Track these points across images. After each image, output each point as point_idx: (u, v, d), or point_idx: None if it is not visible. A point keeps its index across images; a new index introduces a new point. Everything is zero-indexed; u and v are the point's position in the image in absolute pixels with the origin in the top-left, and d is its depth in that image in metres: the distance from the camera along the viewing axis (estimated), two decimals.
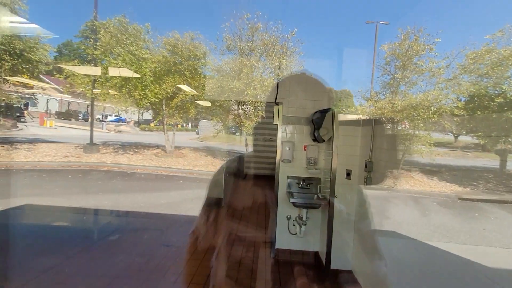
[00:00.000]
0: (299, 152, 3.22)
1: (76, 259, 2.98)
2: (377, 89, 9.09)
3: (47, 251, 3.16)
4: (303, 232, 3.09)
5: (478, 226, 4.30)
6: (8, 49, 8.62)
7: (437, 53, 9.48)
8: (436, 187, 7.93)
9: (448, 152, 13.09)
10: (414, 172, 8.48)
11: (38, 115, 20.77)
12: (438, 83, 8.81)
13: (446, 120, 8.38)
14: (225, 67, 9.21)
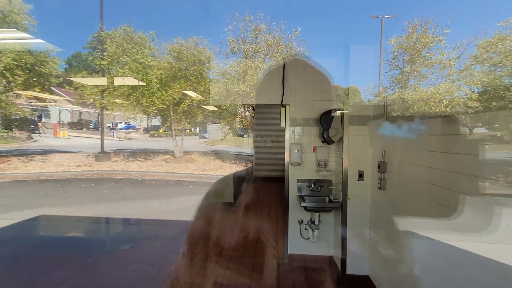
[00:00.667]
0: (309, 154, 3.14)
1: (90, 270, 3.00)
2: (385, 84, 8.91)
3: (62, 262, 3.19)
4: (316, 237, 3.01)
5: (501, 223, 4.10)
6: (20, 64, 8.88)
7: (446, 44, 9.17)
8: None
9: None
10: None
11: (51, 126, 21.40)
12: (449, 75, 8.52)
13: (460, 113, 8.11)
14: (230, 70, 9.22)
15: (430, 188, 1.69)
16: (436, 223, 1.62)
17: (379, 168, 2.39)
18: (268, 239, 3.90)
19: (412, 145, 1.94)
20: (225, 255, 3.41)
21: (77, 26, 24.51)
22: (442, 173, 1.57)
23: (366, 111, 2.71)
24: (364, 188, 2.72)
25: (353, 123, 2.72)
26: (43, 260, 3.27)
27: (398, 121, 2.16)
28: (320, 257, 3.17)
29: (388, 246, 2.32)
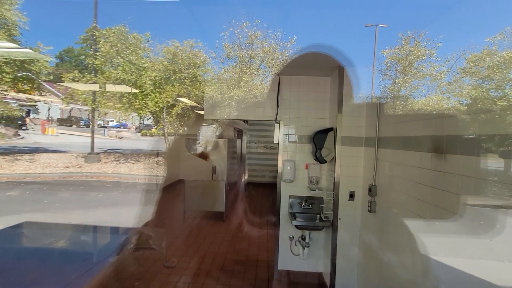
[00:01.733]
0: (301, 171, 3.16)
1: (73, 286, 2.93)
2: (378, 94, 9.06)
3: (46, 277, 3.11)
4: (306, 254, 3.02)
5: (485, 237, 4.21)
6: (8, 61, 8.64)
7: (438, 58, 9.42)
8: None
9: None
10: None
11: (39, 123, 20.84)
12: (440, 87, 8.74)
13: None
14: (225, 75, 9.20)
15: (418, 219, 1.72)
16: (425, 241, 1.65)
17: (370, 191, 2.42)
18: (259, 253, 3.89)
19: (401, 174, 1.98)
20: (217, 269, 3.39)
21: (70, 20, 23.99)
22: (431, 207, 1.60)
23: (359, 132, 2.75)
24: (354, 209, 2.75)
25: (345, 144, 2.75)
26: (26, 273, 3.18)
27: (389, 147, 2.20)
28: (310, 274, 3.18)
29: (376, 267, 2.35)
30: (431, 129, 1.63)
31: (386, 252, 2.17)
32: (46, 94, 14.66)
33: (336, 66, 2.77)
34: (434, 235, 1.56)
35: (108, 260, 3.52)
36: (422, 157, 1.71)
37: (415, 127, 1.82)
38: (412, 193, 1.82)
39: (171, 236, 4.41)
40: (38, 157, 10.47)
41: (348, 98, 2.75)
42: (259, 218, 5.58)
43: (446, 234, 1.46)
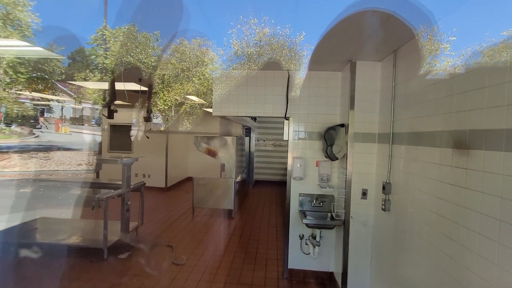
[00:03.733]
0: (311, 168, 3.09)
1: (85, 282, 2.96)
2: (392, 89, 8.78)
3: (58, 272, 3.16)
4: (316, 253, 2.96)
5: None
6: (23, 62, 8.86)
7: (452, 52, 9.10)
8: None
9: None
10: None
11: (53, 122, 21.41)
12: None
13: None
14: (233, 72, 9.16)
15: (438, 219, 1.64)
16: (448, 242, 1.57)
17: (384, 189, 2.33)
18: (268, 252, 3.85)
19: (418, 171, 1.89)
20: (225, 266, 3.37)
21: (81, 22, 24.48)
22: (453, 206, 1.52)
23: (372, 128, 2.66)
24: (367, 207, 2.67)
25: (358, 140, 2.67)
26: (41, 267, 3.24)
27: (404, 143, 2.11)
28: (321, 273, 3.12)
29: (391, 268, 2.27)
30: (452, 123, 1.54)
31: (402, 252, 2.09)
32: (59, 93, 15.02)
33: (348, 60, 2.68)
34: (458, 235, 1.47)
35: (119, 257, 3.55)
36: (442, 153, 1.62)
37: (434, 121, 1.73)
38: (431, 191, 1.73)
39: (180, 233, 4.43)
40: (52, 155, 10.74)
41: (360, 93, 2.66)
42: (268, 216, 5.54)
43: (472, 235, 1.38)
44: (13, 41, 3.89)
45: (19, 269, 3.21)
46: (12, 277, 3.01)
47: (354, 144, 2.67)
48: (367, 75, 2.66)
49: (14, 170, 8.69)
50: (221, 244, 4.10)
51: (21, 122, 14.82)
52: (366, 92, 2.66)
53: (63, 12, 23.75)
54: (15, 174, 8.40)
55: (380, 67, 2.65)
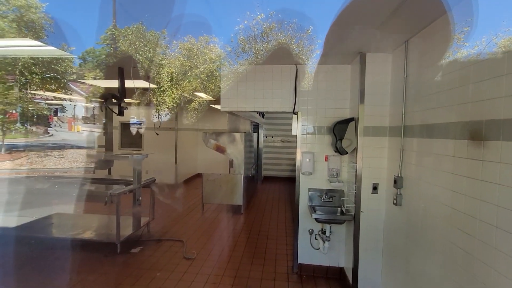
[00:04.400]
0: (320, 163, 3.06)
1: (100, 275, 3.05)
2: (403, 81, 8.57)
3: (74, 265, 3.26)
4: (326, 249, 2.94)
5: None
6: (37, 63, 9.10)
7: (466, 43, 8.79)
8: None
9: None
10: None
11: (66, 121, 21.99)
12: None
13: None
14: (241, 68, 9.14)
15: (453, 213, 1.60)
16: (463, 236, 1.53)
17: (396, 183, 2.29)
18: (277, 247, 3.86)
19: (431, 164, 1.84)
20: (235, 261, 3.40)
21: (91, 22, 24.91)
22: (468, 199, 1.47)
23: (383, 121, 2.60)
24: (378, 202, 2.62)
25: (368, 134, 2.62)
26: (57, 261, 3.35)
27: (416, 136, 2.05)
28: (331, 268, 3.11)
29: (403, 263, 2.23)
30: (468, 114, 1.49)
31: (415, 247, 2.05)
32: (71, 93, 15.36)
33: (358, 52, 2.63)
34: (474, 229, 1.43)
35: (132, 251, 3.63)
36: (456, 145, 1.57)
37: (448, 113, 1.68)
38: (445, 184, 1.68)
39: (191, 229, 4.49)
40: (66, 153, 11.05)
41: (370, 86, 2.60)
42: (277, 212, 5.54)
43: (489, 228, 1.34)
44: (28, 40, 4.00)
45: (36, 262, 3.33)
46: (30, 270, 3.13)
47: (364, 138, 2.62)
48: (378, 67, 2.60)
49: (31, 168, 8.99)
50: (231, 239, 4.14)
51: (31, 121, 15.24)
52: (377, 84, 2.61)
53: (74, 13, 24.19)
54: (32, 172, 8.69)
55: (391, 58, 2.58)
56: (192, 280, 2.98)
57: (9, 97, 8.90)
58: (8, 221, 4.62)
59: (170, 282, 2.93)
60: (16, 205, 5.45)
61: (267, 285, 2.94)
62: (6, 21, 8.67)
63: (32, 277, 2.99)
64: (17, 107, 9.73)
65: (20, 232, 4.12)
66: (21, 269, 3.14)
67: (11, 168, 8.83)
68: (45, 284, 2.87)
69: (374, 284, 2.68)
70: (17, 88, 9.20)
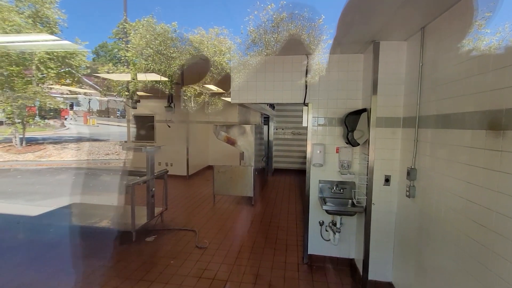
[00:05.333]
0: (331, 155, 3.04)
1: (116, 262, 3.18)
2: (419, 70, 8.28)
3: (93, 251, 3.42)
4: (337, 240, 2.95)
5: None
6: (52, 58, 9.35)
7: (487, 30, 8.35)
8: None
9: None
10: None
11: (82, 114, 22.67)
12: None
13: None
14: (251, 60, 9.07)
15: (468, 205, 1.56)
16: (479, 229, 1.50)
17: (409, 175, 2.25)
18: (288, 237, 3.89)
19: (446, 155, 1.79)
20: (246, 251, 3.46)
21: (103, 17, 25.25)
22: (484, 190, 1.44)
23: (396, 112, 2.54)
24: (390, 194, 2.59)
25: (380, 125, 2.57)
26: (75, 248, 3.52)
27: (431, 127, 2.00)
28: (341, 259, 3.12)
29: (415, 255, 2.21)
30: (486, 103, 1.43)
31: (428, 239, 2.03)
32: (85, 87, 15.75)
33: (371, 41, 2.55)
34: (490, 221, 1.40)
35: (146, 240, 3.76)
36: (474, 136, 1.52)
37: (465, 102, 1.62)
38: (460, 176, 1.64)
39: (203, 219, 4.59)
40: (82, 146, 11.42)
41: (384, 75, 2.54)
42: (287, 203, 5.57)
43: (506, 220, 1.30)
44: (43, 35, 4.12)
45: (57, 248, 3.51)
46: (51, 256, 3.31)
47: (377, 129, 2.58)
48: (392, 56, 2.53)
49: (50, 160, 9.37)
50: (242, 230, 4.21)
51: (49, 115, 15.75)
52: (390, 74, 2.54)
53: (87, 8, 24.56)
54: (51, 163, 9.06)
55: (406, 46, 2.50)
56: (205, 268, 3.07)
57: (28, 91, 9.21)
58: (31, 210, 4.87)
59: (184, 269, 3.02)
60: (37, 195, 5.72)
61: (277, 274, 2.99)
62: (23, 17, 8.90)
63: (54, 262, 3.15)
64: (35, 101, 10.08)
65: (41, 220, 4.34)
66: (45, 254, 3.32)
67: (32, 160, 9.23)
68: (66, 268, 3.03)
69: (385, 276, 2.68)
70: (34, 82, 9.51)
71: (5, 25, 8.37)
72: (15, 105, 9.21)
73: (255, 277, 2.93)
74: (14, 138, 10.03)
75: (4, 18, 8.43)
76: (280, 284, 2.82)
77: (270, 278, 2.92)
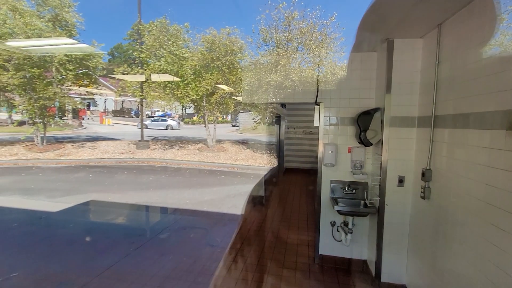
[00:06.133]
0: (343, 155, 3.00)
1: (132, 257, 3.28)
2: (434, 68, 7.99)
3: (109, 248, 3.53)
4: (349, 241, 2.92)
5: None
6: (71, 60, 9.70)
7: (510, 24, 7.96)
8: None
9: None
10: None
11: (98, 114, 23.42)
12: None
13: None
14: (262, 60, 9.06)
15: (486, 208, 1.51)
16: (499, 233, 1.45)
17: (424, 176, 2.19)
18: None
19: (463, 156, 1.74)
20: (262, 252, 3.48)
21: (118, 18, 25.96)
22: (505, 193, 1.38)
23: (411, 111, 2.48)
24: (404, 195, 2.53)
25: (394, 125, 2.51)
26: (92, 244, 3.66)
27: (448, 127, 1.94)
28: (353, 261, 3.08)
29: (430, 258, 2.16)
30: (508, 102, 1.38)
31: (443, 242, 1.97)
32: (102, 88, 16.25)
33: (385, 39, 2.50)
34: (510, 225, 1.35)
35: (160, 236, 3.86)
36: (493, 136, 1.47)
37: (485, 101, 1.56)
38: (478, 177, 1.59)
39: (214, 218, 4.65)
40: (98, 145, 11.79)
41: (398, 74, 2.48)
42: (299, 203, 5.54)
43: None
44: (63, 39, 4.29)
45: (75, 243, 3.66)
46: (69, 251, 3.45)
47: (390, 129, 2.52)
48: (406, 54, 2.46)
49: (68, 158, 9.74)
50: (253, 229, 4.23)
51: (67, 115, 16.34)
52: (405, 72, 2.47)
53: (103, 10, 25.30)
54: (69, 162, 9.42)
55: (422, 44, 2.43)
56: (216, 266, 3.11)
57: (48, 92, 9.60)
58: (52, 206, 5.09)
59: (195, 266, 3.08)
60: (57, 192, 5.97)
61: (288, 274, 2.99)
62: (43, 21, 9.28)
63: (74, 256, 3.29)
64: (54, 102, 10.50)
65: (62, 216, 4.53)
66: (65, 248, 3.47)
67: (52, 158, 9.63)
68: (86, 261, 3.15)
69: (398, 278, 2.63)
70: (54, 84, 9.90)
71: (27, 29, 8.76)
72: (36, 105, 9.63)
73: (265, 276, 2.94)
74: (36, 137, 10.49)
75: (27, 22, 8.83)
76: (291, 284, 2.82)
77: (281, 277, 2.92)
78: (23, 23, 8.80)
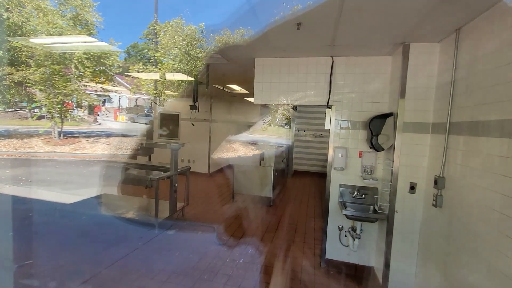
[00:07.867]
0: (354, 159, 2.97)
1: (140, 251, 3.35)
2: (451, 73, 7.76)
3: (119, 241, 3.62)
4: (356, 246, 2.88)
5: None
6: (89, 57, 10.02)
7: None
8: None
9: None
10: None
11: (112, 111, 24.03)
12: None
13: None
14: (274, 60, 9.06)
15: (502, 218, 1.46)
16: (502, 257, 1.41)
17: (436, 183, 2.14)
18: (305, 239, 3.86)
19: (479, 164, 1.69)
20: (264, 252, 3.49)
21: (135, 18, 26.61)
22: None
23: (425, 117, 2.43)
24: (415, 202, 2.48)
25: (407, 130, 2.47)
26: (104, 236, 3.76)
27: (463, 134, 1.89)
28: (360, 267, 3.04)
29: (441, 268, 2.10)
30: None
31: (455, 252, 1.92)
32: (117, 85, 16.66)
33: (400, 43, 2.46)
34: None
35: (168, 232, 3.92)
36: (511, 145, 1.42)
37: (504, 109, 1.52)
38: (494, 187, 1.54)
39: (222, 216, 4.68)
40: (112, 140, 12.10)
41: (413, 79, 2.44)
42: (306, 206, 5.51)
43: None
44: (83, 37, 4.46)
45: (87, 235, 3.77)
46: (82, 242, 3.56)
47: (403, 134, 2.48)
48: (422, 59, 2.42)
49: (83, 152, 10.05)
50: (259, 229, 4.23)
51: (84, 110, 16.84)
52: (420, 77, 2.43)
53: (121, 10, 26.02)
54: (84, 156, 9.71)
55: (439, 49, 2.38)
56: (222, 264, 3.13)
57: (67, 88, 9.95)
58: (66, 198, 5.26)
59: (202, 263, 3.11)
60: (72, 184, 6.17)
61: (293, 276, 2.98)
62: (65, 19, 9.64)
63: (86, 247, 3.40)
64: (72, 98, 10.86)
65: (76, 208, 4.68)
66: (78, 239, 3.58)
67: (68, 152, 9.96)
68: (97, 253, 3.25)
69: (407, 287, 2.57)
70: (73, 80, 10.25)
71: (49, 27, 9.12)
72: (55, 100, 9.99)
73: (271, 278, 2.94)
74: (53, 131, 10.88)
75: (49, 21, 9.19)
76: (296, 287, 2.81)
77: (286, 280, 2.92)
78: (45, 21, 9.17)
